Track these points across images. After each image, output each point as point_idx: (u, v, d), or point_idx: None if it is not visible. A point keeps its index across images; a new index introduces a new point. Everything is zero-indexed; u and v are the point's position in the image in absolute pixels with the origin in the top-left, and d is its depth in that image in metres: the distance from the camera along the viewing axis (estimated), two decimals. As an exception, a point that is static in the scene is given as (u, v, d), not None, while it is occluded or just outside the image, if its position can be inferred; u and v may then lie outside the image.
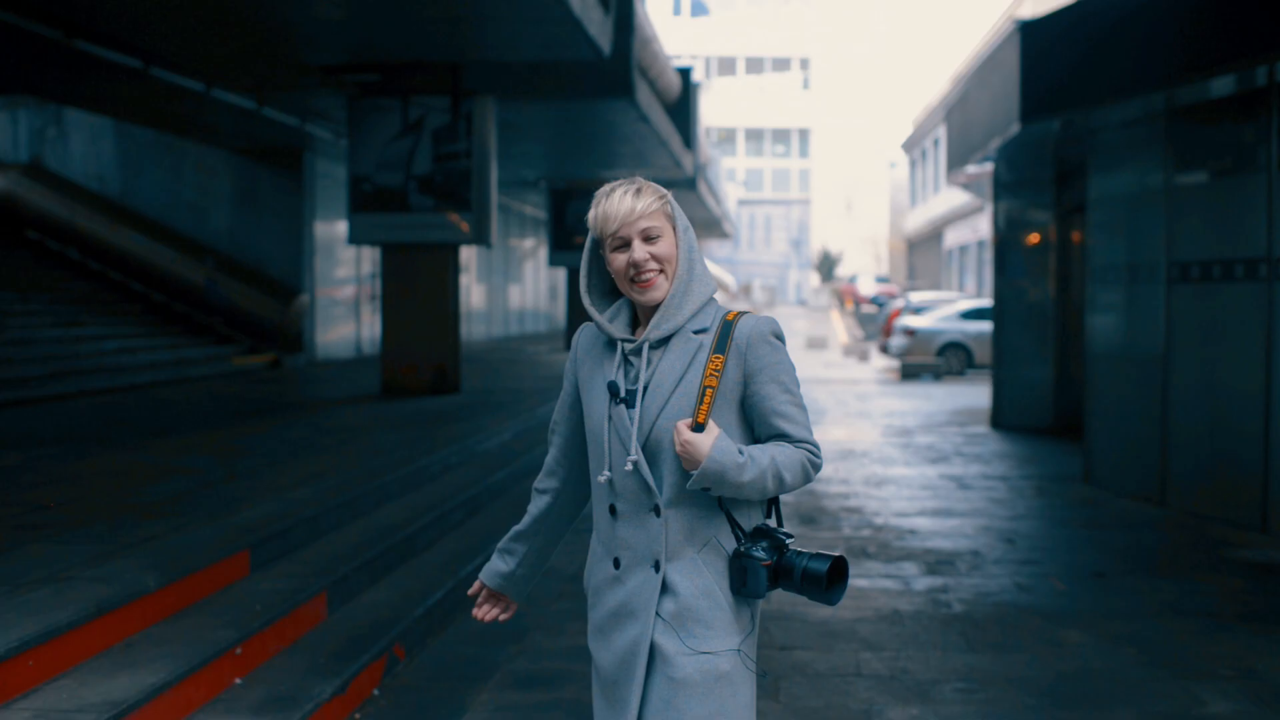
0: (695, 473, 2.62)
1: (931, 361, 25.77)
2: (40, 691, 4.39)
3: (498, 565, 3.06)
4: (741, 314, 2.76)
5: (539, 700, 5.52)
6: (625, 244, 2.70)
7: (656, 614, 2.70)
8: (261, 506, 7.09)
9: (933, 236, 55.08)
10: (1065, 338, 15.84)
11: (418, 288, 14.88)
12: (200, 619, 5.35)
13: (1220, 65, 9.21)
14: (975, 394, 21.29)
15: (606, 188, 2.76)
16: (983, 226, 39.94)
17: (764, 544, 2.72)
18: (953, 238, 48.46)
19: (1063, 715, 5.37)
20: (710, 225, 46.88)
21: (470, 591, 3.11)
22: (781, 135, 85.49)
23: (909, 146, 58.27)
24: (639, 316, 2.81)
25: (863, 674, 5.93)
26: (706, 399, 2.66)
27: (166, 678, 4.55)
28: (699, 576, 2.70)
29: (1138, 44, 10.30)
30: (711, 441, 2.61)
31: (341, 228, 22.09)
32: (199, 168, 20.96)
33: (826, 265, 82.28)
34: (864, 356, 32.36)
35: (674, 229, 2.75)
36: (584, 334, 2.90)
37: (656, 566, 2.70)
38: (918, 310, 30.16)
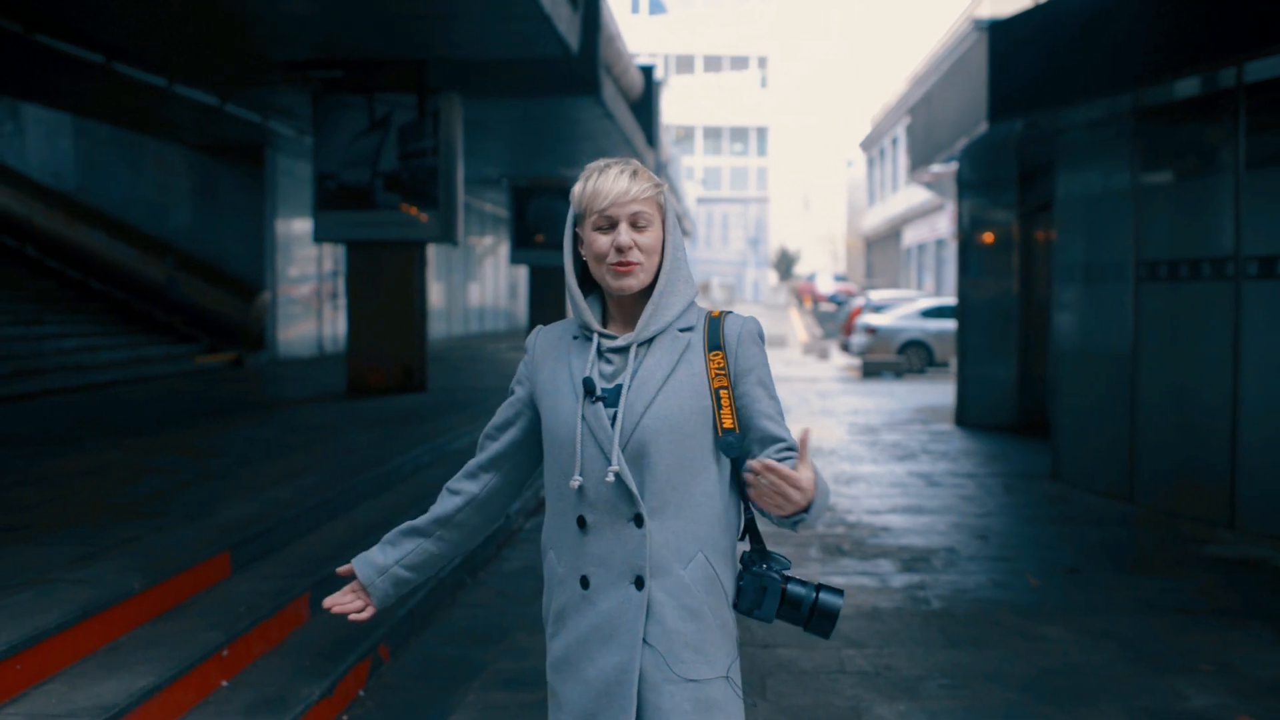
0: (805, 515, 2.37)
1: (892, 359, 25.90)
2: (29, 696, 4.34)
3: (375, 556, 2.68)
4: (725, 313, 2.59)
5: (527, 700, 5.50)
6: (611, 225, 2.49)
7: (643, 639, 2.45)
8: (239, 507, 7.03)
9: (891, 235, 55.37)
10: (1028, 336, 15.95)
11: (384, 286, 14.80)
12: (185, 621, 5.30)
13: (1188, 67, 9.31)
14: (937, 392, 21.40)
15: (600, 163, 2.56)
16: (941, 225, 40.21)
17: (776, 565, 2.54)
18: (911, 236, 48.74)
19: (1048, 710, 5.41)
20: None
21: (340, 571, 2.72)
22: (739, 134, 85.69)
23: (867, 145, 58.55)
24: (610, 311, 2.59)
25: (847, 671, 5.95)
26: (725, 401, 2.50)
27: (155, 681, 4.51)
28: (686, 596, 2.46)
29: (1106, 45, 10.38)
30: (813, 476, 2.36)
31: (303, 225, 21.97)
32: (159, 164, 20.76)
33: (784, 263, 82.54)
34: (824, 354, 32.47)
35: (663, 221, 2.55)
36: (541, 336, 2.67)
37: (639, 583, 2.44)
38: (878, 308, 30.32)
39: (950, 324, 25.69)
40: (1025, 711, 5.40)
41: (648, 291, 2.55)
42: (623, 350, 2.53)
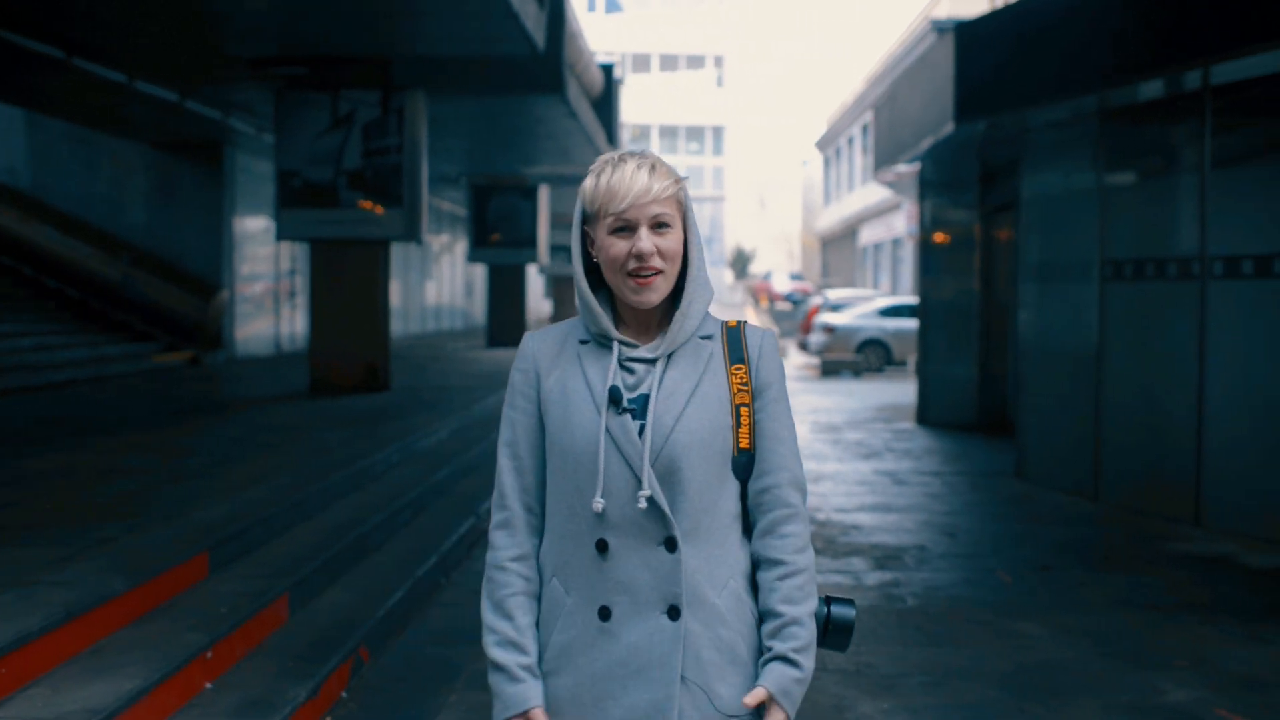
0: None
1: (851, 358, 26.02)
2: (14, 700, 4.28)
3: (538, 691, 2.27)
4: (742, 322, 2.41)
5: (510, 700, 5.48)
6: (629, 228, 2.24)
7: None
8: (215, 507, 6.97)
9: (847, 234, 55.62)
10: (989, 336, 16.07)
11: (347, 284, 14.71)
12: (166, 623, 5.24)
13: (1156, 68, 9.41)
14: (896, 390, 21.53)
15: (612, 156, 2.31)
16: (898, 224, 40.43)
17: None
18: (868, 235, 48.98)
19: (1028, 707, 5.46)
20: (627, 222, 46.82)
21: None
22: (695, 133, 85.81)
23: (823, 145, 58.78)
24: (620, 314, 2.36)
25: (828, 669, 5.97)
26: (745, 419, 2.31)
27: (142, 684, 4.46)
28: (722, 626, 2.25)
29: (1072, 46, 10.48)
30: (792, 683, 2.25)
31: (261, 223, 21.81)
32: (115, 162, 20.54)
33: (740, 262, 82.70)
34: (782, 353, 32.58)
35: (684, 221, 2.31)
36: (537, 342, 2.39)
37: (672, 613, 2.22)
38: (836, 307, 30.43)
39: (908, 323, 25.88)
40: (1006, 708, 5.44)
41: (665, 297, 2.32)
42: (647, 361, 2.30)
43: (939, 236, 16.45)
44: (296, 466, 8.71)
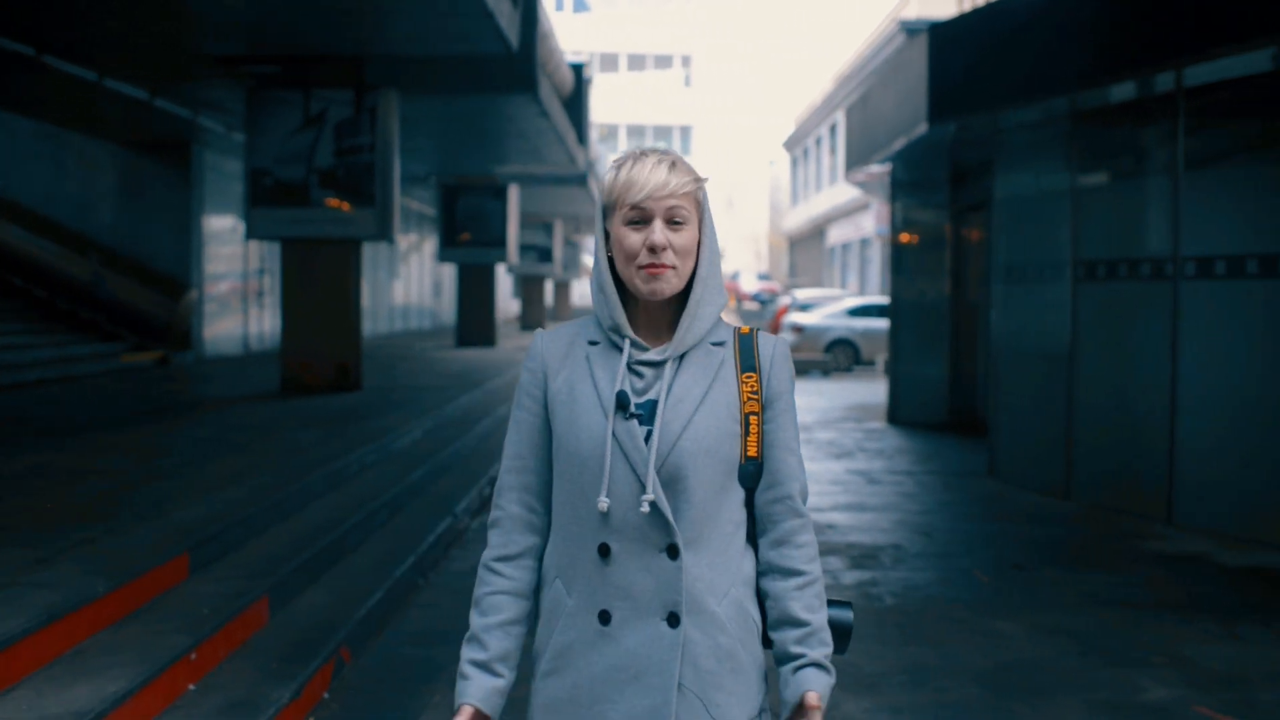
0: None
1: (820, 358, 26.10)
2: (-3, 702, 4.25)
3: (494, 682, 2.30)
4: (754, 329, 2.40)
5: (494, 701, 5.47)
6: (644, 220, 2.25)
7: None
8: (193, 508, 6.93)
9: (814, 234, 55.76)
10: (959, 336, 16.16)
11: (319, 283, 14.64)
12: (148, 624, 5.21)
13: (1129, 70, 9.48)
14: (866, 390, 21.60)
15: (634, 151, 2.31)
16: (866, 224, 40.57)
17: None
18: (835, 235, 49.13)
19: (1010, 705, 5.49)
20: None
21: None
22: (663, 132, 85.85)
23: (791, 145, 58.91)
24: (634, 315, 2.34)
25: (809, 668, 5.98)
26: (754, 428, 2.31)
27: (127, 686, 4.43)
28: (721, 635, 2.25)
29: (1046, 48, 10.54)
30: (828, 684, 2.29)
31: (229, 223, 21.68)
32: (83, 160, 20.35)
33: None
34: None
35: (700, 221, 2.31)
36: (547, 341, 2.40)
37: (672, 620, 2.22)
38: (805, 307, 30.51)
39: (876, 322, 25.99)
40: (988, 706, 5.48)
41: (677, 296, 2.32)
42: (655, 364, 2.30)
43: (906, 237, 16.54)
44: (273, 467, 8.67)
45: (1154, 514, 9.56)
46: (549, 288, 50.85)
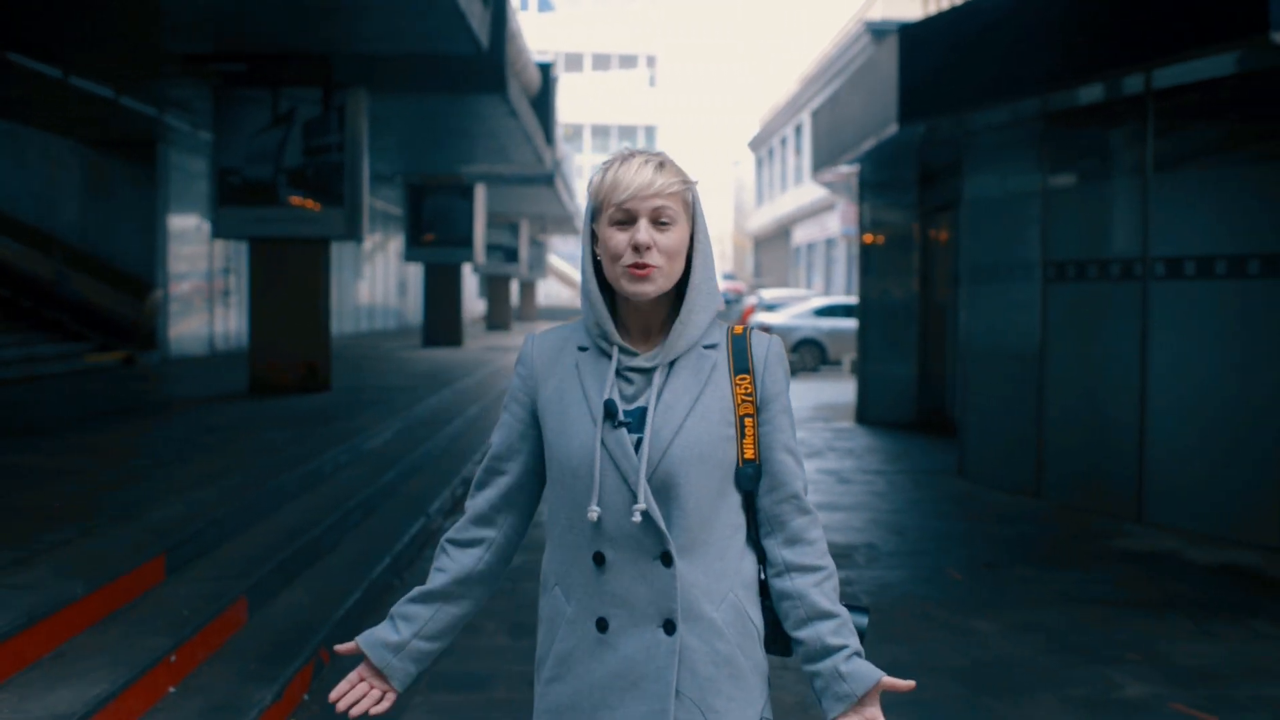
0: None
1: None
2: (-21, 706, 4.21)
3: (385, 634, 2.36)
4: (749, 329, 2.37)
5: (475, 701, 5.47)
6: (630, 220, 2.23)
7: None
8: (167, 509, 6.88)
9: (779, 234, 55.90)
10: (927, 336, 16.25)
11: (288, 283, 14.56)
12: (127, 626, 5.17)
13: (1098, 73, 9.55)
14: (833, 390, 21.67)
15: (622, 151, 2.30)
16: (832, 225, 40.73)
17: None
18: (801, 235, 49.27)
19: (989, 702, 5.53)
20: (563, 222, 46.89)
21: (341, 649, 2.41)
22: (628, 132, 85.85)
23: (755, 145, 59.06)
24: (623, 319, 2.32)
25: (788, 666, 6.00)
26: (749, 430, 2.29)
27: (109, 689, 4.40)
28: (719, 640, 2.24)
29: (1016, 50, 10.60)
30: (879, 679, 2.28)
31: (194, 222, 21.55)
32: (45, 158, 20.16)
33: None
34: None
35: (690, 222, 2.29)
36: (538, 346, 2.40)
37: (668, 627, 2.22)
38: (771, 307, 30.60)
39: (843, 322, 26.08)
40: (968, 704, 5.51)
41: (665, 298, 2.30)
42: (645, 370, 2.28)
43: (872, 238, 16.61)
44: (246, 467, 8.62)
45: (1124, 513, 9.65)
46: (514, 287, 50.74)
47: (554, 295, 73.06)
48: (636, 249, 2.21)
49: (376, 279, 37.55)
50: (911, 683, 2.31)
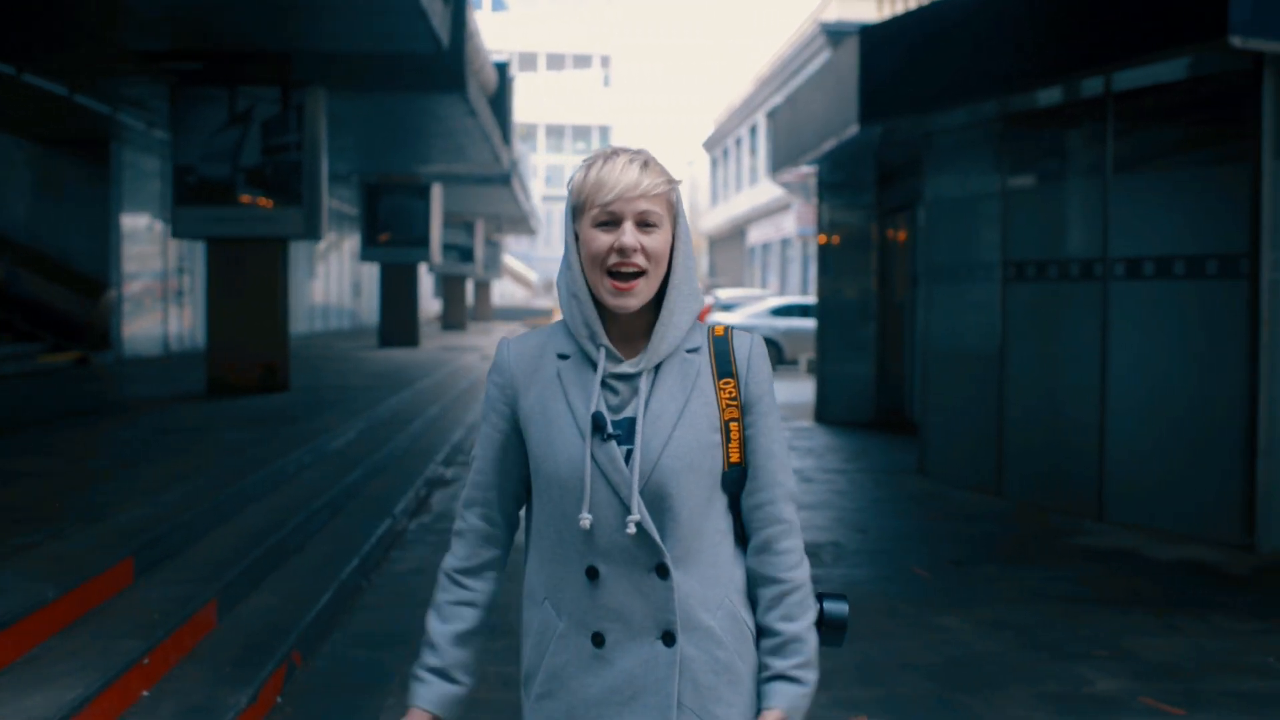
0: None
1: (744, 357, 26.17)
2: (-48, 711, 4.16)
3: (452, 691, 2.31)
4: (730, 329, 2.33)
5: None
6: (614, 222, 2.17)
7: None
8: (133, 511, 6.82)
9: (734, 234, 56.02)
10: (885, 335, 16.34)
11: (246, 283, 14.47)
12: (98, 630, 5.12)
13: (1060, 75, 9.64)
14: (791, 389, 21.74)
15: (606, 150, 2.25)
16: (787, 225, 40.87)
17: None
18: (756, 235, 49.40)
19: (962, 698, 5.57)
20: (519, 222, 46.81)
21: None
22: (582, 132, 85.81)
23: (710, 145, 59.15)
24: (606, 323, 2.26)
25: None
26: (735, 434, 2.25)
27: (84, 693, 4.35)
28: (718, 648, 2.21)
29: (978, 52, 10.68)
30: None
31: (147, 221, 21.34)
32: (-3, 157, 19.89)
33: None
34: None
35: (673, 224, 2.24)
36: (514, 351, 2.32)
37: (667, 639, 2.18)
38: (728, 307, 30.68)
39: (799, 322, 26.21)
40: (942, 700, 5.55)
41: (651, 302, 2.24)
42: (628, 377, 2.23)
43: (828, 237, 16.69)
44: (210, 468, 8.56)
45: (1085, 510, 9.74)
46: (470, 287, 50.60)
47: (509, 295, 72.96)
48: (621, 251, 2.16)
49: (330, 279, 37.33)
50: None
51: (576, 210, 2.23)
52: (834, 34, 30.03)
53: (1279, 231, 8.45)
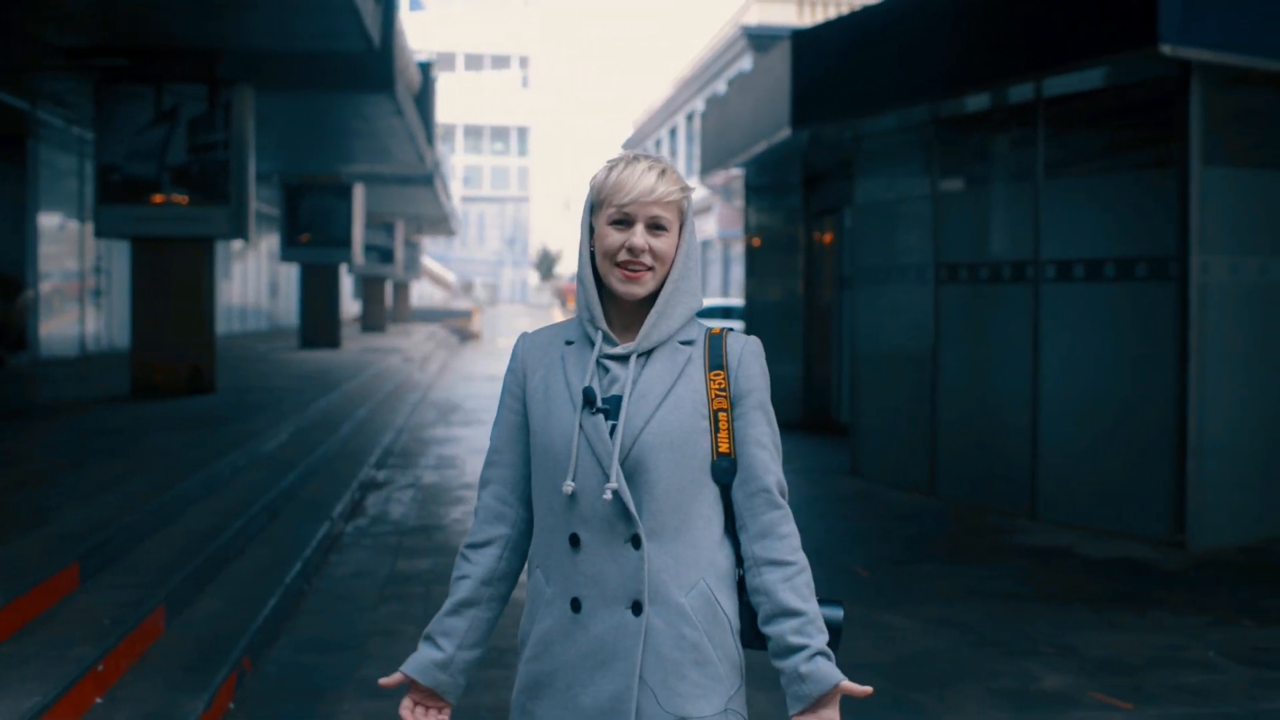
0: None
1: (669, 359, 26.22)
2: (-93, 721, 4.06)
3: (430, 655, 2.40)
4: (726, 330, 2.46)
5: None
6: (627, 222, 2.33)
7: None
8: (74, 515, 6.70)
9: (654, 236, 56.07)
10: (812, 337, 16.44)
11: (172, 283, 14.24)
12: (47, 637, 5.02)
13: (991, 81, 9.79)
14: (718, 390, 21.82)
15: (626, 154, 2.41)
16: (708, 227, 41.02)
17: None
18: (675, 237, 49.44)
19: (914, 696, 5.64)
20: (439, 222, 46.51)
21: (385, 682, 2.44)
22: (500, 133, 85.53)
23: (630, 147, 59.12)
24: (610, 313, 2.42)
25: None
26: (723, 425, 2.36)
27: (41, 701, 4.27)
28: (686, 625, 2.30)
29: (909, 57, 10.81)
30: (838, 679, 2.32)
31: (64, 220, 20.91)
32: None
33: (546, 263, 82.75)
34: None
35: (681, 228, 2.39)
36: (528, 342, 2.51)
37: (636, 609, 2.29)
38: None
39: (720, 324, 26.26)
40: (896, 698, 5.61)
41: (652, 298, 2.39)
42: (621, 359, 2.38)
43: (751, 240, 16.78)
44: (145, 471, 8.42)
45: (1018, 509, 9.90)
46: (389, 289, 50.20)
47: (427, 296, 72.45)
48: (631, 250, 2.33)
49: (248, 279, 36.83)
50: (869, 689, 2.33)
51: (595, 206, 2.41)
52: (755, 37, 30.23)
53: (1207, 234, 8.65)
